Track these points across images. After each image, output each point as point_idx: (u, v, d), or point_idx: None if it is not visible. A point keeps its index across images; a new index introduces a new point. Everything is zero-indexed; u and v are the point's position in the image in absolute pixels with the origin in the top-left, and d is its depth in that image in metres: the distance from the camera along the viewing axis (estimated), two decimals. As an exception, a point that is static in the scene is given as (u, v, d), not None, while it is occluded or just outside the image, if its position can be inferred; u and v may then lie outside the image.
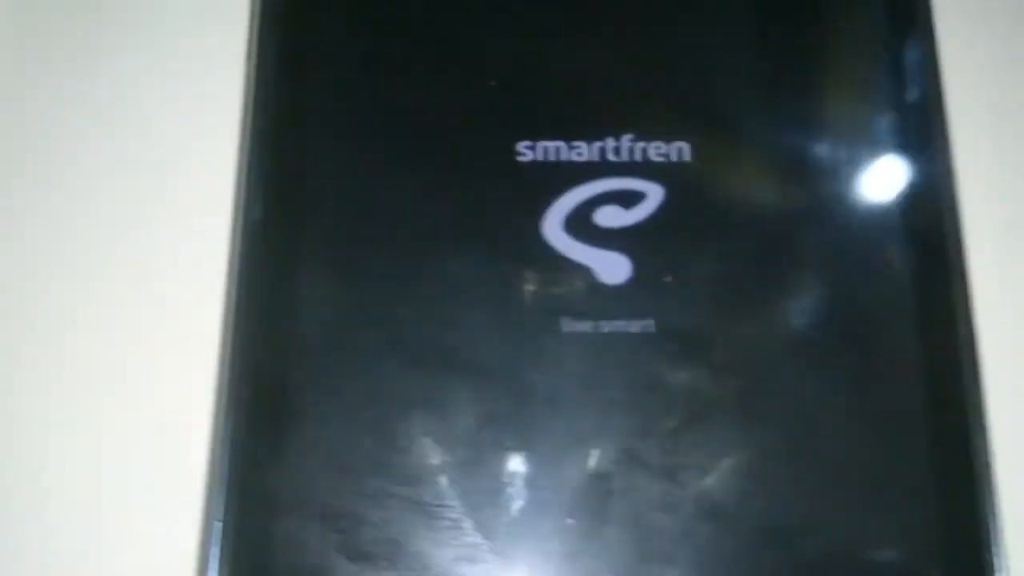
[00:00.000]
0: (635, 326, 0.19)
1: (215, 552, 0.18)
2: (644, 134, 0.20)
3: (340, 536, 0.18)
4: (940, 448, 0.19)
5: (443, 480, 0.18)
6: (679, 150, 0.20)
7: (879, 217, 0.20)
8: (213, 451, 0.19)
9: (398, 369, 0.19)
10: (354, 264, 0.20)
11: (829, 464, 0.19)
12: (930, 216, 0.20)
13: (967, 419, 0.19)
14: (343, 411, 0.19)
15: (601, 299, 0.19)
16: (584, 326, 0.19)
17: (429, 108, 0.21)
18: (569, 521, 0.18)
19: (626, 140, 0.20)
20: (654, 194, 0.20)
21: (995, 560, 0.18)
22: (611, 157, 0.20)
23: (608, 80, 0.21)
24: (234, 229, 0.20)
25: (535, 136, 0.20)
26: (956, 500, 0.18)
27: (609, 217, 0.20)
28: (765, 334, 0.19)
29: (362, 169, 0.20)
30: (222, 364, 0.20)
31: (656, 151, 0.20)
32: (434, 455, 0.19)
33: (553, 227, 0.20)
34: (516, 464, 0.18)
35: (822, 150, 0.20)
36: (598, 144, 0.20)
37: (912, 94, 0.21)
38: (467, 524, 0.18)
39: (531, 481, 0.18)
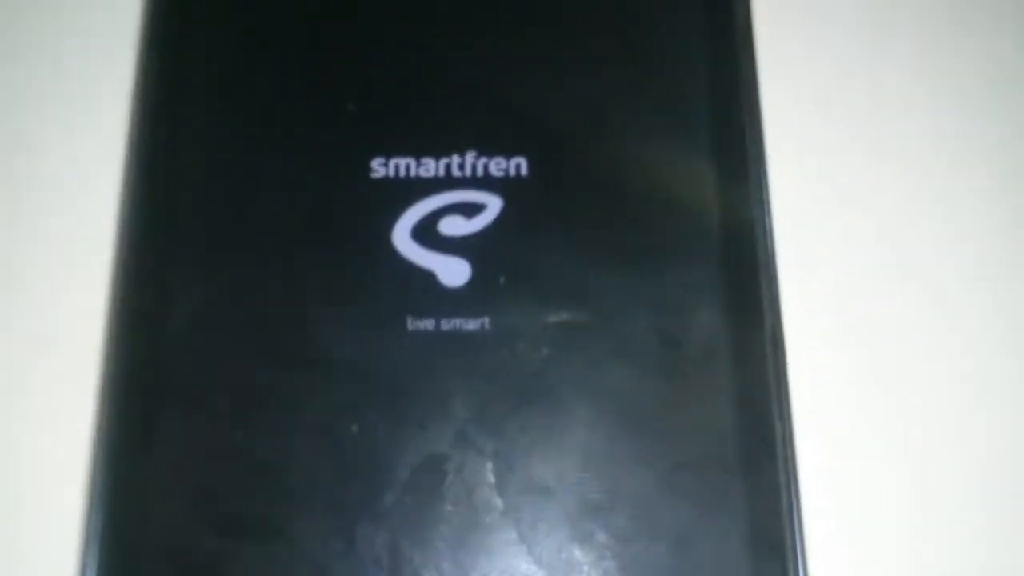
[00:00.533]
0: (472, 324, 0.22)
1: (95, 529, 0.20)
2: (486, 151, 0.23)
3: (205, 513, 0.20)
4: (744, 446, 0.21)
5: (302, 460, 0.21)
6: (517, 165, 0.23)
7: (696, 224, 0.22)
8: (95, 439, 0.21)
9: (261, 364, 0.22)
10: (223, 271, 0.22)
11: (642, 450, 0.21)
12: (743, 224, 0.22)
13: (771, 416, 0.21)
14: (211, 402, 0.21)
15: (443, 300, 0.22)
16: (427, 324, 0.22)
17: (294, 127, 0.23)
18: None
19: (469, 156, 0.23)
20: (493, 205, 0.22)
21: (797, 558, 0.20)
22: (456, 172, 0.23)
23: (454, 101, 0.23)
24: (117, 238, 0.23)
25: (388, 153, 0.23)
26: (759, 492, 0.21)
27: (452, 226, 0.22)
28: (589, 332, 0.22)
29: (233, 183, 0.23)
30: (103, 363, 0.22)
31: (496, 166, 0.23)
32: (294, 438, 0.21)
33: (402, 236, 0.22)
34: (366, 445, 0.21)
35: (647, 166, 0.23)
36: (444, 160, 0.23)
37: (732, 115, 0.23)
38: (321, 498, 0.20)
39: (379, 459, 0.21)
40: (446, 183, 0.23)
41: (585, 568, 0.20)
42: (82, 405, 0.22)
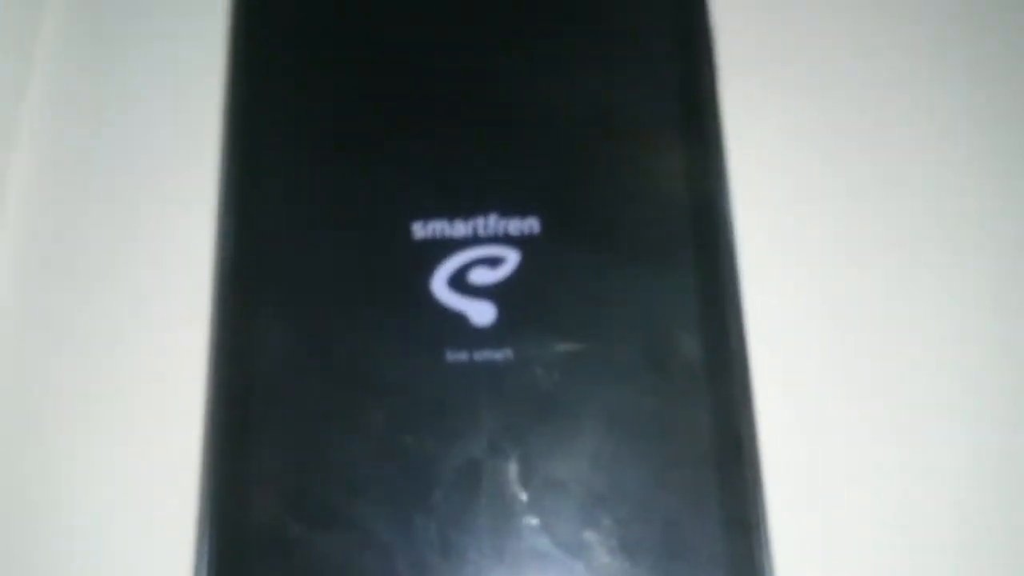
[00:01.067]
0: (499, 355, 0.26)
1: (206, 521, 0.25)
2: (505, 213, 0.27)
3: (293, 508, 0.25)
4: (718, 446, 0.25)
5: (368, 465, 0.25)
6: (531, 224, 0.27)
7: (674, 268, 0.27)
8: (203, 453, 0.25)
9: (333, 390, 0.26)
10: (300, 317, 0.27)
11: (637, 451, 0.25)
12: (714, 268, 0.26)
13: (738, 421, 0.25)
14: (293, 420, 0.26)
15: (474, 336, 0.26)
16: (462, 356, 0.26)
17: (353, 197, 0.28)
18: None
19: (492, 218, 0.27)
20: (512, 258, 0.26)
21: (762, 535, 0.24)
22: (481, 232, 0.27)
23: (479, 174, 0.28)
24: (212, 290, 0.27)
25: (426, 217, 0.27)
26: (731, 483, 0.24)
27: (480, 276, 0.26)
28: (592, 358, 0.26)
29: (307, 245, 0.27)
30: (207, 388, 0.26)
31: (513, 226, 0.27)
32: (358, 448, 0.25)
33: (439, 285, 0.26)
34: (418, 453, 0.25)
35: (632, 226, 0.27)
36: (472, 222, 0.27)
37: (703, 177, 0.28)
38: (384, 495, 0.25)
39: (429, 464, 0.25)
40: (473, 240, 0.27)
41: (595, 546, 0.24)
42: (191, 423, 0.26)
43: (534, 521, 0.25)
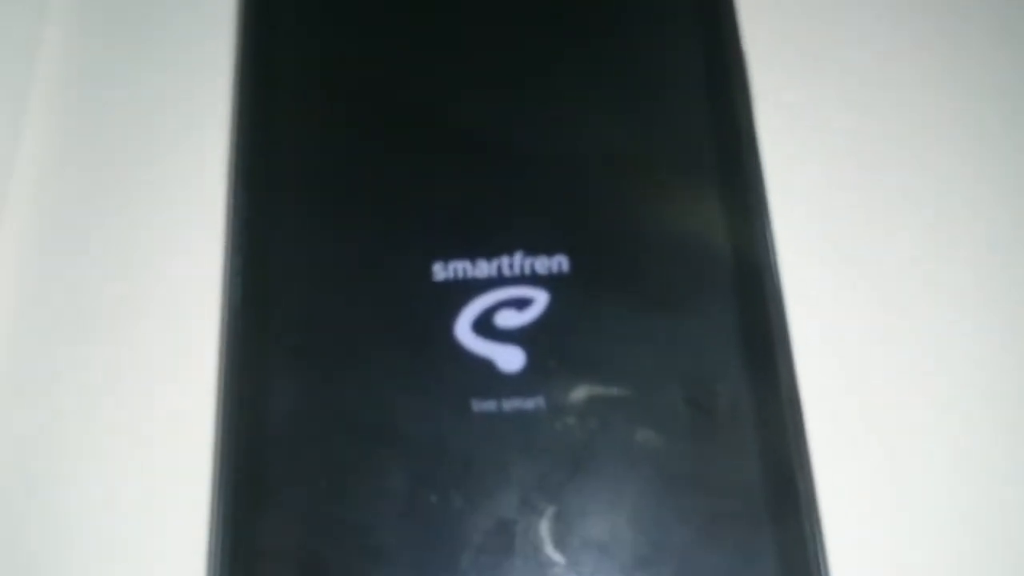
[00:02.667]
0: (529, 403, 0.24)
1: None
2: (531, 251, 0.26)
3: (308, 573, 0.23)
4: (771, 500, 0.23)
5: (389, 527, 0.24)
6: (559, 263, 0.26)
7: (718, 304, 0.25)
8: (212, 514, 0.24)
9: (350, 444, 0.24)
10: (316, 368, 0.25)
11: (681, 506, 0.24)
12: (760, 307, 0.25)
13: (793, 472, 0.23)
14: (309, 479, 0.24)
15: (502, 384, 0.25)
16: (490, 405, 0.24)
17: (368, 239, 0.26)
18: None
19: (517, 257, 0.26)
20: (540, 299, 0.25)
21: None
22: (506, 271, 0.25)
23: (502, 211, 0.26)
24: (220, 342, 0.26)
25: (447, 257, 0.26)
26: (786, 541, 0.23)
27: (506, 319, 0.25)
28: (630, 404, 0.24)
29: (321, 293, 0.26)
30: (215, 445, 0.25)
31: (541, 264, 0.26)
32: (380, 508, 0.24)
33: (463, 330, 0.25)
34: (444, 512, 0.24)
35: (670, 260, 0.26)
36: (496, 261, 0.26)
37: (745, 205, 0.26)
38: (406, 560, 0.23)
39: (455, 524, 0.23)
40: (498, 281, 0.25)
41: (640, 614, 0.23)
42: (200, 483, 0.25)
43: (572, 578, 0.23)
